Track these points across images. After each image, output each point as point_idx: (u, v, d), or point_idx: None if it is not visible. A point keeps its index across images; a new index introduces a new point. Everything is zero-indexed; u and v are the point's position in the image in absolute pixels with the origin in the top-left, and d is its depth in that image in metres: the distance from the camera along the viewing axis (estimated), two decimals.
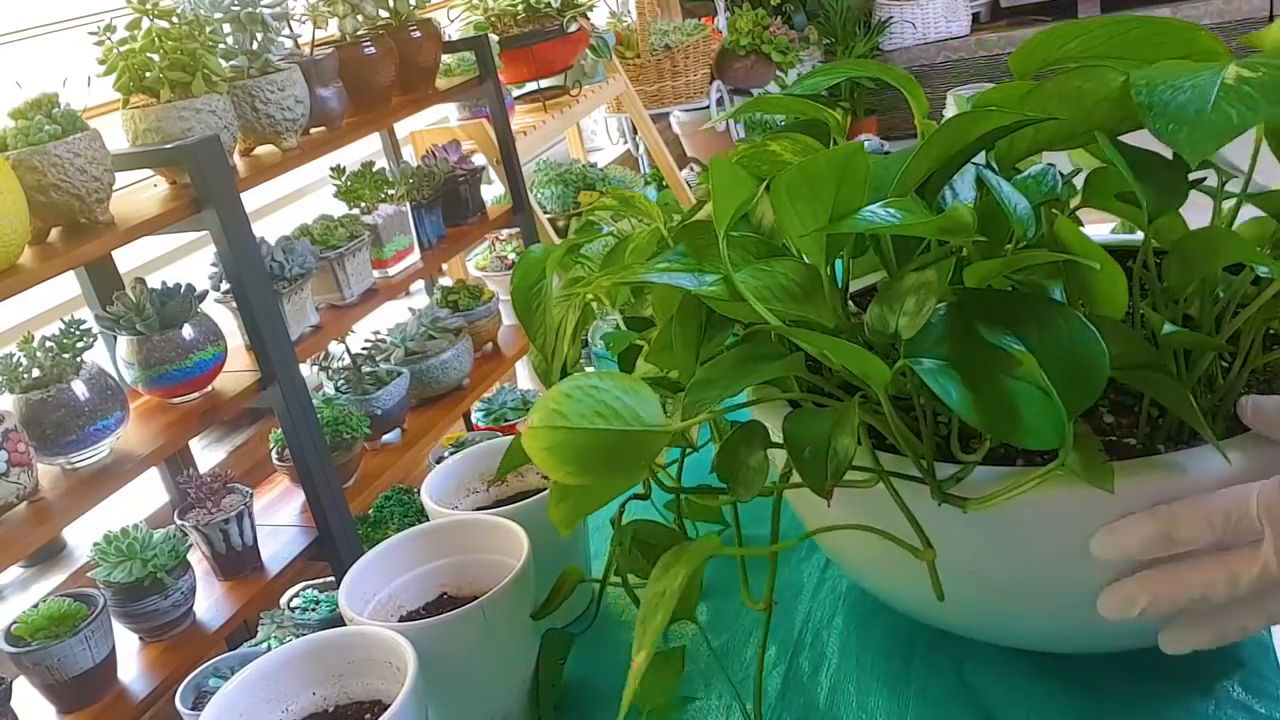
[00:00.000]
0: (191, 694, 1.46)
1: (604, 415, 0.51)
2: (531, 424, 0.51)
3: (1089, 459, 0.48)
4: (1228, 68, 0.46)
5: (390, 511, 1.96)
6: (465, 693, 0.68)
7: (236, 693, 0.63)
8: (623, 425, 0.51)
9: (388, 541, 0.76)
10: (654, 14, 3.75)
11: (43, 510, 1.33)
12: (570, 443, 0.51)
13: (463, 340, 2.17)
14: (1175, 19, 0.53)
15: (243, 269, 1.55)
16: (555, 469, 0.51)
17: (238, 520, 1.59)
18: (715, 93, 3.82)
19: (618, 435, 0.51)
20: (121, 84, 1.56)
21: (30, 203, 1.31)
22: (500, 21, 2.74)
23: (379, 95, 2.03)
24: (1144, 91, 0.47)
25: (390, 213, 2.06)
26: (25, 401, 1.37)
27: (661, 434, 0.52)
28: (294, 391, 1.64)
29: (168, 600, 1.47)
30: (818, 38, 4.56)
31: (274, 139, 1.75)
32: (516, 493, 0.87)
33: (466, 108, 2.56)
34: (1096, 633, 0.57)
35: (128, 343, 1.52)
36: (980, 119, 0.49)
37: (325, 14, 1.97)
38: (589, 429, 0.51)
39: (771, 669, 0.73)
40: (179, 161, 1.50)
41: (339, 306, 1.91)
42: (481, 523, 0.76)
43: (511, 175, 2.41)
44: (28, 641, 1.32)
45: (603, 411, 0.52)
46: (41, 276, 1.31)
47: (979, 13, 4.73)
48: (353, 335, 2.03)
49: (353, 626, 0.67)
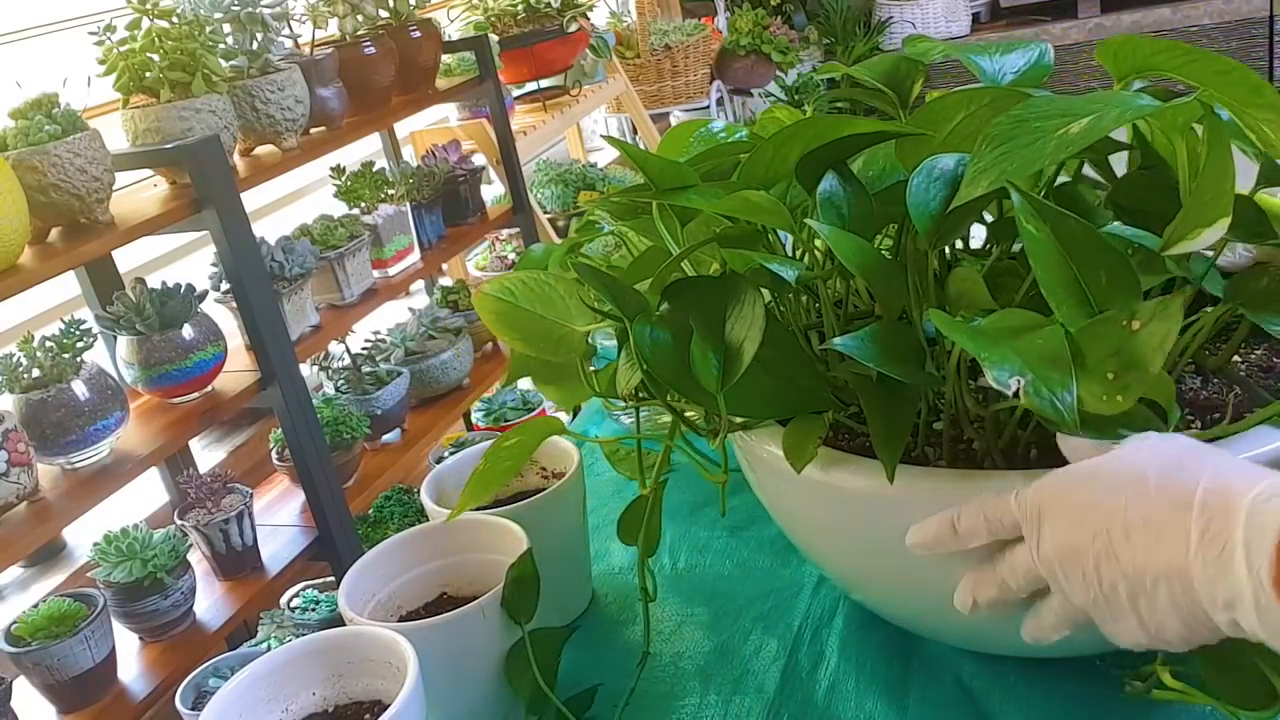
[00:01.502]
0: (191, 694, 1.46)
1: (544, 305, 0.70)
2: (483, 289, 0.70)
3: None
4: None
5: (390, 511, 1.96)
6: (465, 693, 0.68)
7: (236, 693, 0.63)
8: (556, 317, 0.70)
9: (388, 541, 0.76)
10: (654, 14, 3.75)
11: (43, 510, 1.33)
12: (513, 315, 0.70)
13: (463, 340, 2.17)
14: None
15: (243, 269, 1.55)
16: (500, 332, 0.70)
17: (238, 520, 1.59)
18: (715, 93, 3.82)
19: (551, 324, 0.70)
20: (121, 84, 1.56)
21: (30, 203, 1.31)
22: (500, 21, 2.74)
23: (379, 95, 2.03)
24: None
25: (390, 213, 2.06)
26: (25, 401, 1.37)
27: (581, 335, 0.69)
28: (294, 391, 1.64)
29: (168, 600, 1.47)
30: (818, 38, 4.56)
31: (274, 139, 1.75)
32: (516, 493, 0.87)
33: (466, 108, 2.56)
34: (1087, 637, 0.59)
35: (128, 343, 1.52)
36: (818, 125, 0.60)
37: (325, 14, 1.97)
38: (529, 310, 0.70)
39: (771, 663, 0.73)
40: (179, 161, 1.50)
41: (339, 306, 1.91)
42: (481, 523, 0.76)
43: (511, 175, 2.41)
44: (28, 641, 1.32)
45: (543, 303, 0.70)
46: (41, 276, 1.31)
47: (979, 13, 4.73)
48: (353, 335, 2.03)
49: (353, 626, 0.67)
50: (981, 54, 0.68)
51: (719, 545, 0.89)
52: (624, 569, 0.89)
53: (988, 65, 0.67)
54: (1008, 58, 0.67)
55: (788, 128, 0.60)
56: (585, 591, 0.86)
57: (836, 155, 0.62)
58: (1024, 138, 0.51)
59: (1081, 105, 0.51)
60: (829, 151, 0.61)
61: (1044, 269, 0.51)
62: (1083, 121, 0.50)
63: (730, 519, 0.91)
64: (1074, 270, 0.51)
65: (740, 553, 0.87)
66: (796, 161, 0.61)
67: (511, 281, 0.70)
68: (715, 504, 0.93)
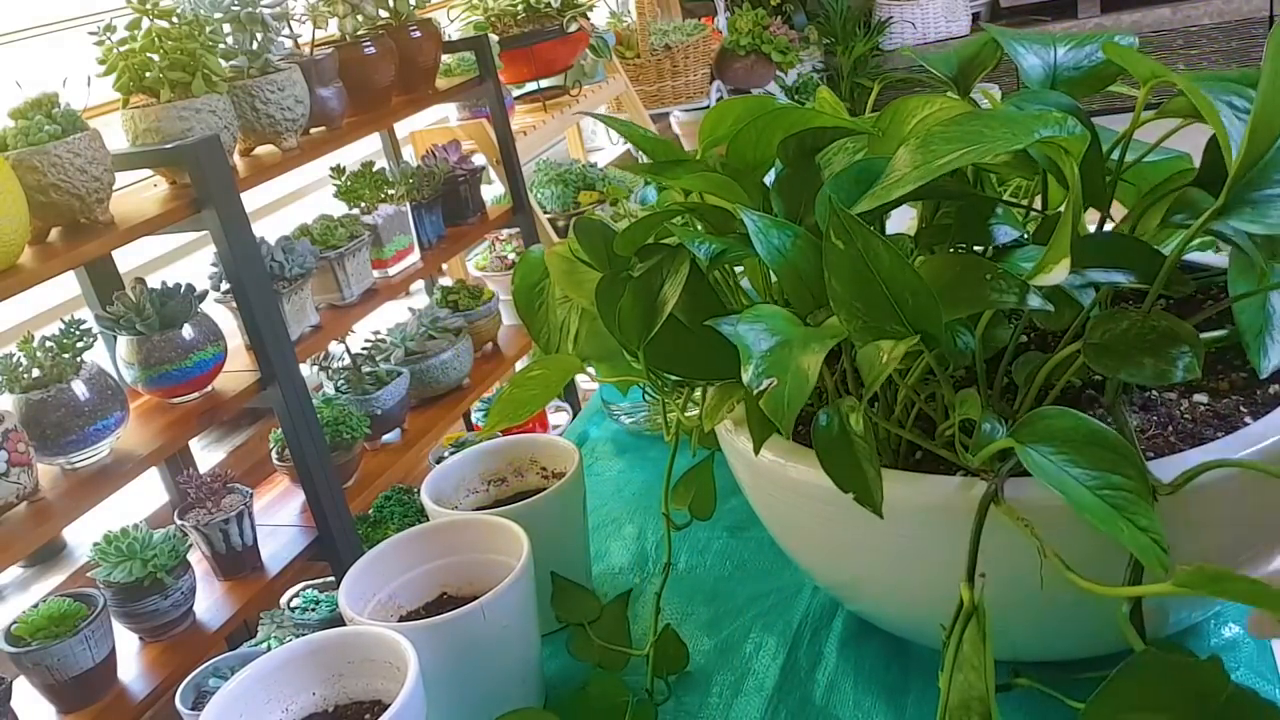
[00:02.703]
0: (191, 694, 1.46)
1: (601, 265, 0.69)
2: (554, 250, 0.74)
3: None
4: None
5: (390, 511, 1.96)
6: (465, 693, 0.68)
7: (236, 693, 0.63)
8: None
9: (388, 541, 0.76)
10: (654, 14, 3.75)
11: (43, 510, 1.33)
12: (575, 274, 0.73)
13: (463, 340, 2.17)
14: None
15: (243, 269, 1.55)
16: (567, 288, 0.74)
17: (238, 520, 1.59)
18: (715, 93, 3.82)
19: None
20: (121, 84, 1.56)
21: (30, 203, 1.31)
22: (500, 21, 2.74)
23: (379, 95, 2.03)
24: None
25: (390, 213, 2.06)
26: (25, 401, 1.37)
27: None
28: (294, 391, 1.64)
29: (168, 600, 1.47)
30: (818, 38, 4.56)
31: (274, 139, 1.75)
32: (516, 492, 0.87)
33: (466, 108, 2.56)
34: (1082, 639, 0.59)
35: (128, 343, 1.52)
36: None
37: (325, 14, 1.97)
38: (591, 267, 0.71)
39: (770, 662, 0.73)
40: (179, 161, 1.50)
41: (339, 306, 1.91)
42: (481, 523, 0.76)
43: (511, 175, 2.41)
44: (28, 641, 1.32)
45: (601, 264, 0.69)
46: (41, 276, 1.31)
47: (979, 13, 4.73)
48: (353, 335, 2.03)
49: (353, 626, 0.67)
50: (1046, 46, 0.66)
51: (719, 546, 0.89)
52: (624, 569, 0.89)
53: (1032, 61, 0.65)
54: (1071, 54, 0.65)
55: (766, 114, 0.62)
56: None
57: (811, 143, 0.65)
58: (919, 157, 0.53)
59: (980, 132, 0.52)
60: (801, 140, 0.64)
61: (840, 283, 0.52)
62: (958, 152, 0.51)
63: (730, 519, 0.91)
64: (882, 288, 0.51)
65: (740, 553, 0.87)
66: (778, 145, 0.64)
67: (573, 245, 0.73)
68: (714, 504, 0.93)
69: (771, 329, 0.54)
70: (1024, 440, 0.50)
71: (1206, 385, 0.62)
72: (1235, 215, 0.50)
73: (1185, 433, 0.58)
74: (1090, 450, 0.49)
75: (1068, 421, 0.50)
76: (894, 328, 0.52)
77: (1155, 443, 0.58)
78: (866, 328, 0.52)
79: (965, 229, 0.63)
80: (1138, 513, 0.47)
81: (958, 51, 0.71)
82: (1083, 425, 0.49)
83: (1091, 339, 0.55)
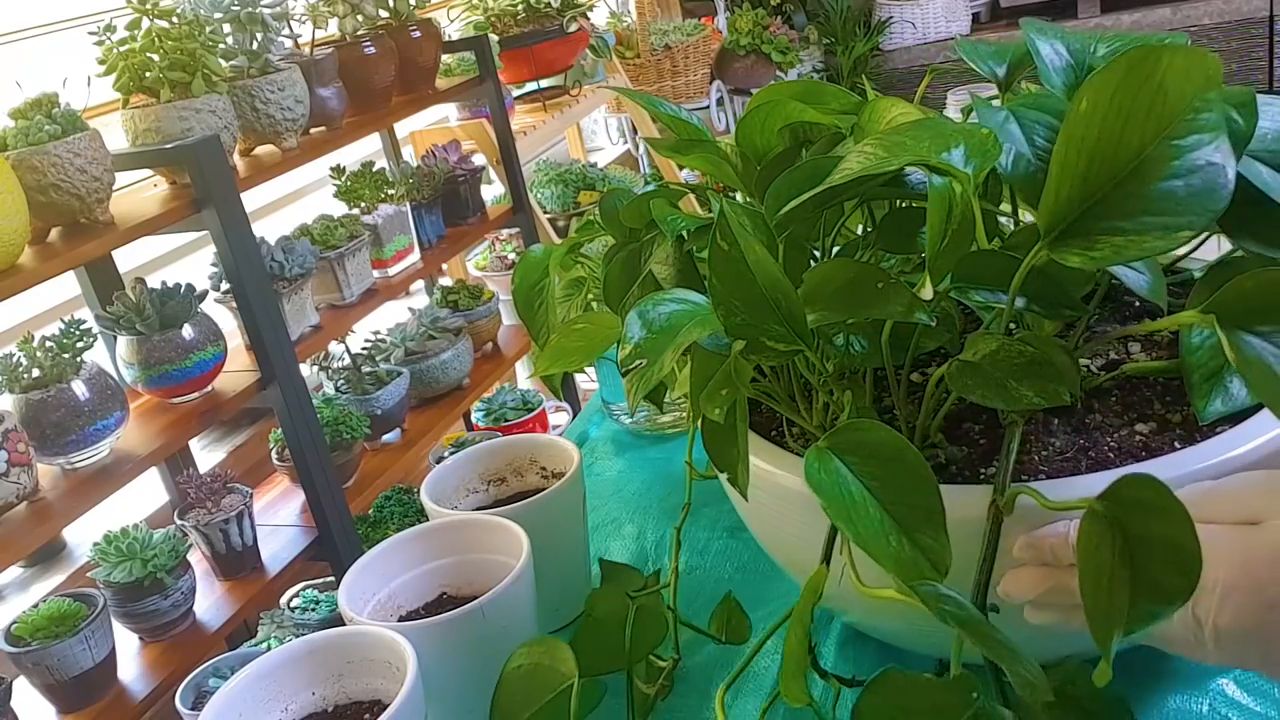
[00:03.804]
0: (191, 694, 1.46)
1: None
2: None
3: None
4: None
5: (390, 511, 1.96)
6: (465, 693, 0.68)
7: (236, 693, 0.63)
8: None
9: (388, 541, 0.76)
10: (654, 14, 3.75)
11: (43, 510, 1.33)
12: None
13: (463, 340, 2.17)
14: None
15: (243, 269, 1.55)
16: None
17: (238, 520, 1.59)
18: (715, 93, 3.82)
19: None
20: (121, 84, 1.56)
21: (30, 203, 1.31)
22: (500, 21, 2.74)
23: (379, 95, 2.03)
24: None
25: (390, 213, 2.06)
26: (25, 401, 1.37)
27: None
28: (294, 391, 1.64)
29: (168, 600, 1.47)
30: (818, 38, 4.56)
31: (274, 139, 1.75)
32: (516, 492, 0.87)
33: (466, 108, 2.56)
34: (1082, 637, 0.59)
35: (128, 343, 1.52)
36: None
37: (325, 14, 1.97)
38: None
39: (770, 661, 0.73)
40: (179, 161, 1.50)
41: (339, 306, 1.91)
42: (481, 523, 0.76)
43: (511, 175, 2.41)
44: (28, 641, 1.32)
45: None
46: (41, 276, 1.31)
47: (979, 13, 4.73)
48: (353, 335, 2.03)
49: (353, 626, 0.67)
50: (1085, 44, 0.65)
51: (719, 546, 0.89)
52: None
53: (1053, 60, 0.63)
54: (1110, 53, 0.64)
55: (767, 104, 0.66)
56: (585, 591, 0.86)
57: (804, 135, 0.68)
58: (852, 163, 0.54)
59: (902, 143, 0.53)
60: (794, 131, 0.68)
61: (720, 281, 0.53)
62: (869, 162, 0.53)
63: (730, 519, 0.91)
64: (760, 289, 0.52)
65: (740, 554, 0.87)
66: (777, 134, 0.68)
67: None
68: (715, 505, 0.93)
69: (669, 316, 0.56)
70: (836, 448, 0.51)
71: (1158, 414, 0.60)
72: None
73: (1099, 460, 0.57)
74: (892, 467, 0.50)
75: (879, 435, 0.51)
76: (772, 327, 0.53)
77: (1065, 465, 0.57)
78: (744, 325, 0.53)
79: (885, 235, 0.63)
80: (923, 531, 0.48)
81: (1013, 49, 0.69)
82: (890, 442, 0.50)
83: (964, 356, 0.55)
